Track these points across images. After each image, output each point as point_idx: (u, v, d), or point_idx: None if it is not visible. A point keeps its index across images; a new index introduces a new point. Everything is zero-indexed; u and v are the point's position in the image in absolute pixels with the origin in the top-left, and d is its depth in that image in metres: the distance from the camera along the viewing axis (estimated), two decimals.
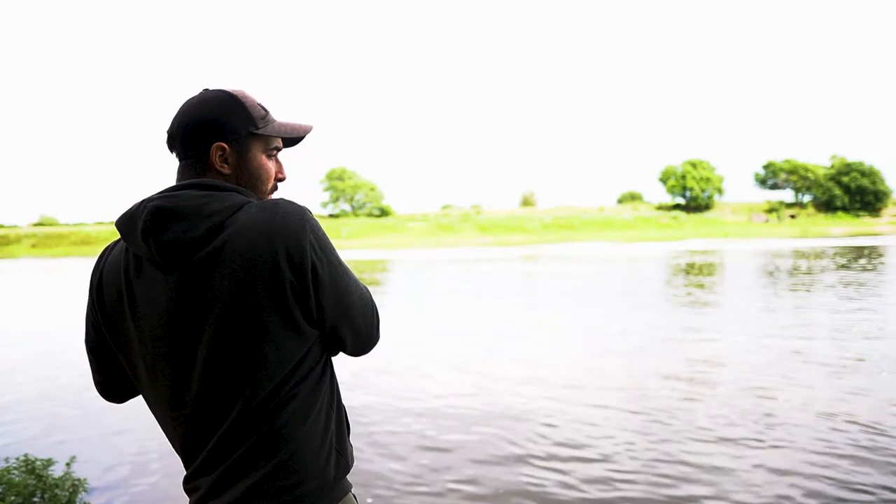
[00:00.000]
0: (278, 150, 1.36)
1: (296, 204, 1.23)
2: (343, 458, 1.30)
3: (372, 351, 1.40)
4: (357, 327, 1.30)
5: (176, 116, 1.29)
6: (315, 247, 1.20)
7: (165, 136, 1.31)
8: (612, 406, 6.01)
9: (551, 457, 4.78)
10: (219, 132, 1.26)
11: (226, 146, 1.26)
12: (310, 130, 1.41)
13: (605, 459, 4.67)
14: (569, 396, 6.42)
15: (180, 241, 1.16)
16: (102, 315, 1.28)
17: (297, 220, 1.19)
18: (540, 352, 8.82)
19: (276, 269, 1.16)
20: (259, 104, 1.32)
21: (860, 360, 7.53)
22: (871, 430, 5.04)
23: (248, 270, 1.16)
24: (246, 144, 1.29)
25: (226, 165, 1.27)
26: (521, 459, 4.74)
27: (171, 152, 1.31)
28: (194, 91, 1.33)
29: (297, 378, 1.22)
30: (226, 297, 1.16)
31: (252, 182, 1.31)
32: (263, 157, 1.32)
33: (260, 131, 1.30)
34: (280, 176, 1.37)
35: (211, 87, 1.32)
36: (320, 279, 1.21)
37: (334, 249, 1.26)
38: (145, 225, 1.17)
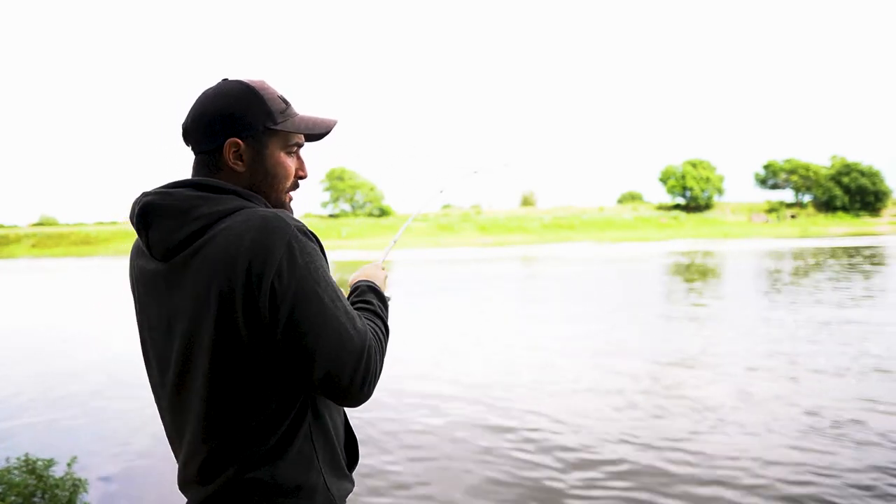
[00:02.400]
0: (299, 146, 1.27)
1: (286, 221, 1.10)
2: (332, 485, 1.20)
3: (357, 407, 1.19)
4: (327, 372, 1.09)
5: (191, 109, 1.22)
6: (283, 272, 1.07)
7: (181, 128, 1.24)
8: (576, 398, 6.06)
9: (502, 437, 4.83)
10: (233, 127, 1.18)
11: (240, 142, 1.19)
12: (334, 125, 1.32)
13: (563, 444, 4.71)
14: (543, 390, 6.45)
15: (164, 241, 1.14)
16: (132, 293, 1.31)
17: (275, 238, 1.08)
18: (515, 350, 8.85)
19: (232, 286, 1.08)
20: (279, 96, 1.24)
21: (834, 361, 7.56)
22: (840, 424, 5.09)
23: (210, 283, 1.09)
24: (263, 140, 1.21)
25: (240, 162, 1.20)
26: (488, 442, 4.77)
27: (187, 146, 1.25)
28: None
29: (266, 402, 1.13)
30: (190, 306, 1.12)
31: (268, 181, 1.23)
32: (282, 154, 1.23)
33: (278, 126, 1.21)
34: (301, 174, 1.28)
35: (230, 77, 1.24)
36: (278, 309, 1.07)
37: (319, 279, 1.11)
38: (136, 219, 1.17)
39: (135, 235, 1.22)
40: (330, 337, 1.09)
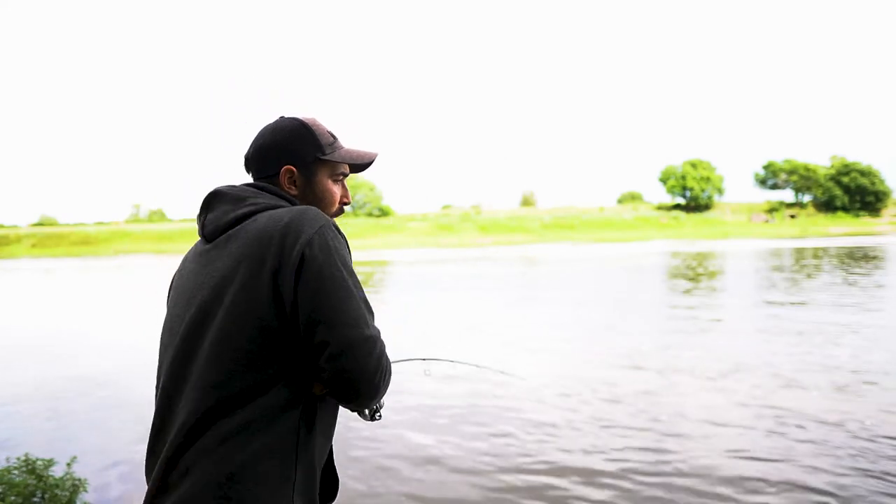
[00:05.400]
0: (345, 175, 1.44)
1: (325, 216, 1.24)
2: None
3: (367, 401, 1.23)
4: (343, 349, 1.14)
5: (253, 141, 1.41)
6: (314, 245, 1.17)
7: (243, 158, 1.43)
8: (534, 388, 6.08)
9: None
10: (288, 157, 1.36)
11: (294, 170, 1.36)
12: (375, 157, 1.47)
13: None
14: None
15: (216, 221, 1.30)
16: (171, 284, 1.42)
17: (309, 220, 1.20)
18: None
19: (263, 256, 1.17)
20: (329, 132, 1.42)
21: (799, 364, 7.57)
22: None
23: (241, 253, 1.20)
24: (312, 169, 1.38)
25: (293, 187, 1.37)
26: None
27: (248, 173, 1.42)
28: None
29: (262, 393, 1.14)
30: (217, 277, 1.21)
31: (316, 204, 1.38)
32: (329, 182, 1.40)
33: (326, 157, 1.38)
34: (345, 200, 1.44)
35: (286, 115, 1.43)
36: (305, 270, 1.15)
37: (346, 264, 1.21)
38: (202, 204, 1.36)
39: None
40: (349, 315, 1.16)
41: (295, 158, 1.36)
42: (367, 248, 54.87)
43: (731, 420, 5.47)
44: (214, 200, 1.33)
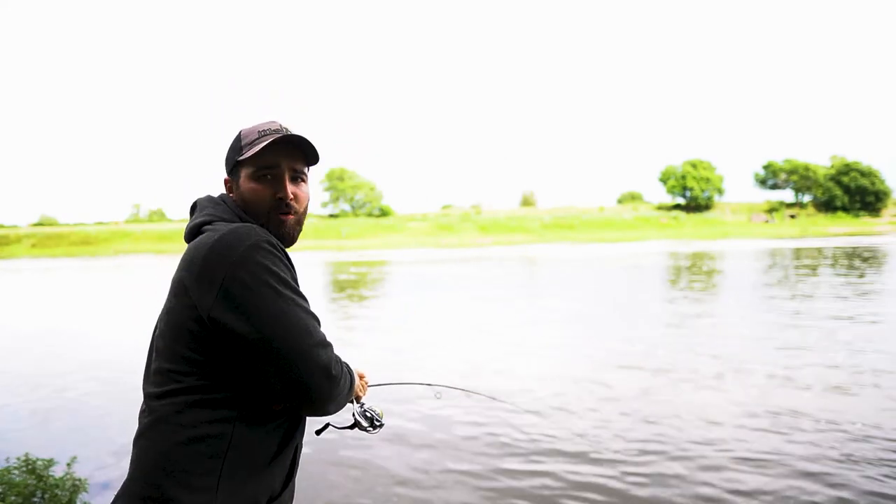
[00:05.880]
0: (272, 170, 1.38)
1: (254, 231, 1.22)
2: None
3: (324, 409, 1.25)
4: (289, 357, 1.16)
5: None
6: (239, 267, 1.17)
7: None
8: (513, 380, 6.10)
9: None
10: (226, 169, 1.46)
11: (227, 178, 1.46)
12: (286, 136, 1.37)
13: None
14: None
15: (186, 229, 1.40)
16: None
17: (237, 242, 1.20)
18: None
19: (190, 275, 1.21)
20: (259, 131, 1.40)
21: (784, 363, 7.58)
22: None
23: (182, 269, 1.25)
24: (237, 173, 1.42)
25: (232, 195, 1.44)
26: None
27: None
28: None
29: (197, 388, 1.20)
30: (172, 281, 1.29)
31: (246, 206, 1.39)
32: (251, 182, 1.39)
33: (241, 157, 1.39)
34: (277, 195, 1.37)
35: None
36: (231, 292, 1.17)
37: (279, 280, 1.20)
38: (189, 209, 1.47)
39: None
40: (290, 326, 1.17)
41: (227, 168, 1.45)
42: (366, 248, 54.84)
43: (727, 419, 5.49)
44: (195, 208, 1.44)
